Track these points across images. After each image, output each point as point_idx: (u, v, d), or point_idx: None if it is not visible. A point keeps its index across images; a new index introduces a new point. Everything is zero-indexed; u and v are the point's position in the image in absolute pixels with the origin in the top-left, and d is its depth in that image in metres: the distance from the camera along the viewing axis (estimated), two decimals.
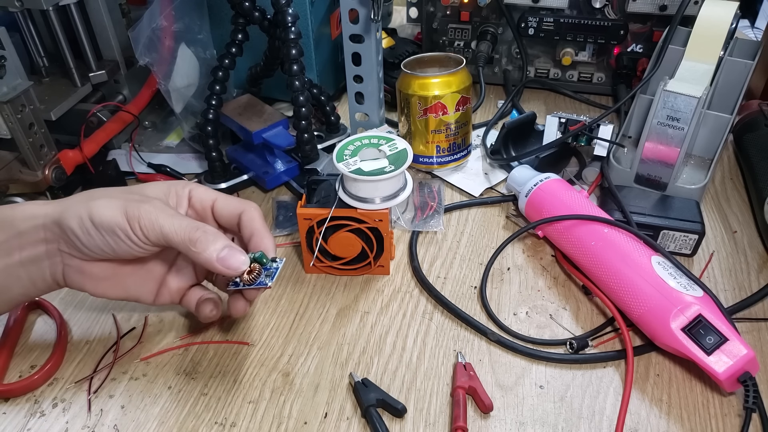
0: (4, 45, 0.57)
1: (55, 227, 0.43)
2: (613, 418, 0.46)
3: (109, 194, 0.44)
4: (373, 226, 0.54)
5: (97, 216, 0.42)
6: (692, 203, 0.60)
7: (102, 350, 0.52)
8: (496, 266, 0.59)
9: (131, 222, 0.42)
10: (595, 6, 0.78)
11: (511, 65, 0.88)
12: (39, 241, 0.44)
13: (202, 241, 0.42)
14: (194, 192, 0.48)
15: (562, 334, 0.53)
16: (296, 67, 0.62)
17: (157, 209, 0.42)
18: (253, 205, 0.48)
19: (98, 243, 0.43)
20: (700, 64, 0.64)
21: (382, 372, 0.50)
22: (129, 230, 0.42)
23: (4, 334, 0.52)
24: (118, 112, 0.72)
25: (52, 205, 0.44)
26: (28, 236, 0.44)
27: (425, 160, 0.70)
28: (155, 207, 0.43)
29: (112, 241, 0.42)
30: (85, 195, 0.44)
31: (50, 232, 0.44)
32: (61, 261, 0.45)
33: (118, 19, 0.73)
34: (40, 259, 0.44)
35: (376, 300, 0.56)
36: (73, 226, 0.42)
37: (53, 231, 0.44)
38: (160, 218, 0.42)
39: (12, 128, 0.59)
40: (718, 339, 0.45)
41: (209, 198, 0.48)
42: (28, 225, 0.44)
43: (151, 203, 0.43)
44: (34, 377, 0.48)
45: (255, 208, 0.47)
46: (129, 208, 0.42)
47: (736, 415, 0.46)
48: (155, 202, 0.43)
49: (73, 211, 0.42)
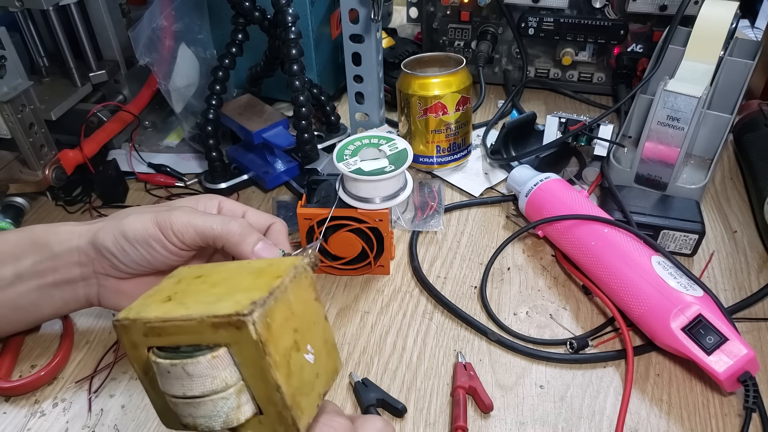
0: (4, 45, 0.57)
1: (89, 249, 0.45)
2: (613, 418, 0.46)
3: (138, 210, 0.45)
4: (373, 226, 0.54)
5: (130, 231, 0.43)
6: (692, 203, 0.60)
7: (102, 350, 0.52)
8: (496, 266, 0.59)
9: (164, 230, 0.43)
10: (595, 6, 0.78)
11: (511, 65, 0.88)
12: (73, 264, 0.45)
13: (240, 232, 0.43)
14: (224, 204, 0.48)
15: (562, 334, 0.53)
16: (296, 67, 0.62)
17: (187, 212, 0.44)
18: (282, 221, 0.49)
19: (134, 257, 0.44)
20: (700, 64, 0.64)
21: (382, 372, 0.50)
22: (163, 239, 0.43)
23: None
24: (118, 112, 0.72)
25: (85, 226, 0.46)
26: (62, 258, 0.45)
27: (425, 160, 0.70)
28: (184, 211, 0.44)
29: (147, 253, 0.44)
30: (116, 215, 0.46)
31: (84, 255, 0.45)
32: (96, 283, 0.46)
33: (118, 19, 0.73)
34: (75, 281, 0.46)
35: (376, 300, 0.56)
36: (108, 244, 0.44)
37: (87, 253, 0.45)
38: (192, 219, 0.43)
39: (12, 128, 0.59)
40: (718, 339, 0.45)
41: (240, 210, 0.48)
42: (62, 247, 0.45)
43: (180, 209, 0.44)
44: (40, 374, 0.48)
45: (283, 224, 0.49)
46: (159, 218, 0.43)
47: (736, 414, 0.46)
48: (184, 207, 0.45)
49: (107, 230, 0.44)
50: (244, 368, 0.29)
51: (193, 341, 0.29)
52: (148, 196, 0.70)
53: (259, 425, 0.30)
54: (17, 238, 0.46)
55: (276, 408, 0.29)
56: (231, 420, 0.29)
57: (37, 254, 0.45)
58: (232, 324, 0.28)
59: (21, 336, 0.52)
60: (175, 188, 0.71)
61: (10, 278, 0.45)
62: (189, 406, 0.29)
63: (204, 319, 0.28)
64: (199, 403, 0.29)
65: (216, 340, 0.29)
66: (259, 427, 0.30)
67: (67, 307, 0.48)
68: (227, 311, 0.28)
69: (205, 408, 0.29)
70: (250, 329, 0.28)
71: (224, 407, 0.29)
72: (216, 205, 0.48)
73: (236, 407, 0.29)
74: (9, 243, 0.46)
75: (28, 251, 0.45)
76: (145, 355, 0.31)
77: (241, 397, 0.30)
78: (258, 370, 0.29)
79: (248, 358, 0.29)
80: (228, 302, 0.29)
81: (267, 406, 0.30)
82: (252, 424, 0.30)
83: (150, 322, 0.30)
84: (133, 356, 0.31)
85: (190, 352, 0.29)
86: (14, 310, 0.46)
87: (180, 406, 0.30)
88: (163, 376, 0.30)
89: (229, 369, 0.29)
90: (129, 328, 0.30)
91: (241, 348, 0.29)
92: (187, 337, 0.29)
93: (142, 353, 0.31)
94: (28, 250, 0.45)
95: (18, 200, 0.65)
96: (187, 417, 0.30)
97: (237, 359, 0.29)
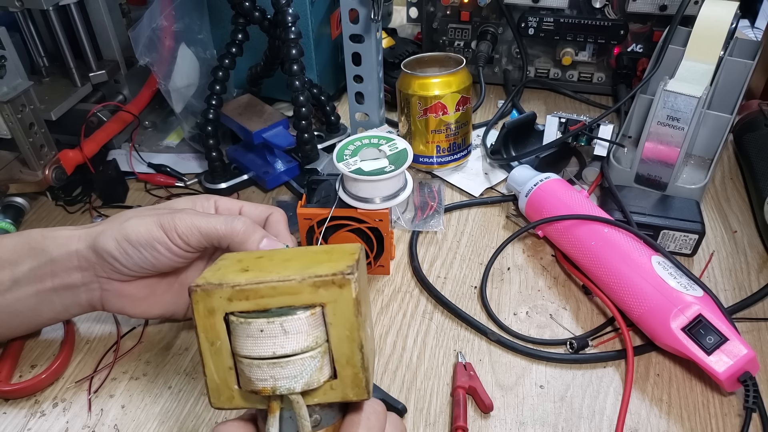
0: (4, 45, 0.57)
1: (89, 254, 0.44)
2: (613, 418, 0.46)
3: (139, 213, 0.45)
4: (373, 226, 0.54)
5: (133, 234, 0.43)
6: (692, 203, 0.60)
7: (102, 350, 0.52)
8: (496, 266, 0.59)
9: (168, 233, 0.43)
10: (595, 6, 0.78)
11: (511, 65, 0.88)
12: (73, 269, 0.45)
13: (244, 230, 0.43)
14: (220, 202, 0.48)
15: (562, 334, 0.53)
16: (296, 67, 0.62)
17: (190, 214, 0.44)
18: (279, 210, 0.49)
19: (137, 261, 0.44)
20: (700, 64, 0.64)
21: (382, 372, 0.50)
22: (168, 241, 0.43)
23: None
24: (118, 112, 0.72)
25: (84, 230, 0.45)
26: (61, 263, 0.44)
27: (425, 160, 0.70)
28: (188, 213, 0.44)
29: (151, 256, 0.43)
30: (116, 218, 0.45)
31: (84, 259, 0.44)
32: (99, 287, 0.46)
33: (118, 19, 0.73)
34: (75, 286, 0.45)
35: (376, 300, 0.56)
36: (110, 248, 0.43)
37: (87, 258, 0.44)
38: (196, 221, 0.43)
39: (12, 128, 0.59)
40: (718, 339, 0.45)
41: (236, 206, 0.48)
42: (61, 252, 0.44)
43: (183, 211, 0.44)
44: (41, 377, 0.48)
45: (281, 213, 0.48)
46: (163, 220, 0.43)
47: (736, 414, 0.46)
48: (186, 209, 0.45)
49: (108, 234, 0.43)
50: (333, 328, 0.31)
51: (284, 303, 0.31)
52: (148, 196, 0.70)
53: (330, 390, 0.32)
54: (14, 243, 0.45)
55: (353, 370, 0.31)
56: (312, 381, 0.31)
57: (34, 259, 0.44)
58: (336, 283, 0.30)
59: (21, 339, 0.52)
60: (175, 188, 0.71)
61: (7, 284, 0.44)
62: (275, 366, 0.30)
63: (305, 279, 0.30)
64: (288, 363, 0.30)
65: (312, 300, 0.31)
66: (329, 392, 0.32)
67: (68, 311, 0.47)
68: (328, 272, 0.30)
69: (292, 368, 0.30)
70: (352, 287, 0.30)
71: (310, 367, 0.31)
72: (212, 205, 0.48)
73: (319, 368, 0.31)
74: (6, 248, 0.45)
75: (26, 256, 0.45)
76: (218, 323, 0.31)
77: (324, 357, 0.31)
78: (346, 329, 0.31)
79: (340, 317, 0.31)
80: (323, 267, 0.31)
81: (344, 368, 0.32)
82: (324, 390, 0.32)
83: (239, 285, 0.31)
84: (205, 325, 0.32)
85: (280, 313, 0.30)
86: (13, 315, 0.46)
87: (263, 368, 0.30)
88: (250, 337, 0.31)
89: (321, 328, 0.31)
90: (211, 293, 0.31)
91: (335, 307, 0.31)
92: (280, 299, 0.31)
93: (216, 321, 0.31)
94: (25, 255, 0.45)
95: (18, 200, 0.65)
96: (267, 380, 0.31)
97: (328, 319, 0.31)
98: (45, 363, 0.51)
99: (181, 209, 0.45)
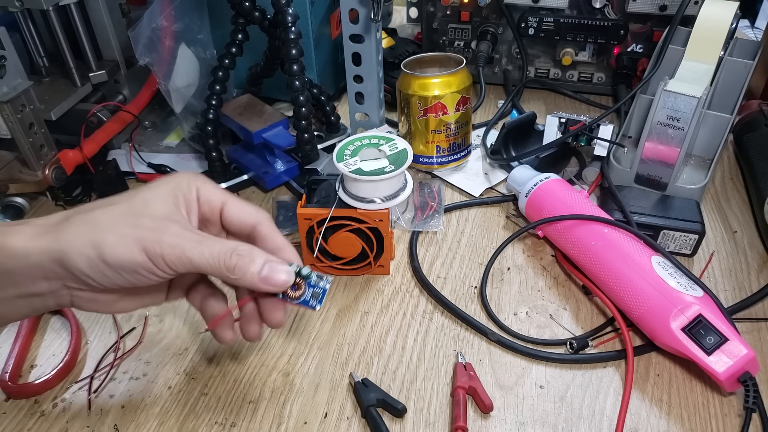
0: (4, 45, 0.57)
1: (56, 267, 0.37)
2: (613, 418, 0.46)
3: (114, 223, 0.38)
4: (373, 226, 0.54)
5: (111, 257, 0.36)
6: (692, 203, 0.60)
7: (102, 350, 0.52)
8: (496, 266, 0.59)
9: (154, 260, 0.37)
10: (595, 6, 0.78)
11: (511, 65, 0.88)
12: (38, 278, 0.38)
13: (240, 265, 0.38)
14: (202, 192, 0.42)
15: (562, 334, 0.53)
16: (296, 67, 0.62)
17: (179, 238, 0.38)
18: (267, 216, 0.43)
19: (115, 281, 0.38)
20: (700, 64, 0.64)
21: (382, 372, 0.50)
22: (153, 268, 0.37)
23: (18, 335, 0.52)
24: (118, 112, 0.72)
25: (44, 240, 0.37)
26: (21, 274, 0.38)
27: (425, 160, 0.70)
28: (176, 236, 0.38)
29: (132, 278, 0.38)
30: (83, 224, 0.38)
31: (51, 272, 0.38)
32: (69, 293, 0.40)
33: (118, 19, 0.73)
34: (41, 294, 0.39)
35: (376, 300, 0.56)
36: (82, 267, 0.37)
37: (55, 271, 0.38)
38: (186, 250, 0.37)
39: (12, 128, 0.59)
40: (719, 339, 0.45)
41: (218, 200, 0.42)
42: (17, 264, 0.37)
43: (169, 232, 0.38)
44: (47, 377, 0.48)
45: (269, 219, 0.43)
46: (147, 244, 0.37)
47: (736, 415, 0.46)
48: (172, 228, 0.38)
49: (77, 248, 0.37)
50: None
51: None
52: None
53: None
54: None
55: None
56: None
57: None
58: None
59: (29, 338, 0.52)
60: None
61: None
62: None
63: None
64: None
65: None
66: None
67: (36, 312, 0.42)
68: None
69: None
70: None
71: None
72: (195, 196, 0.42)
73: None
74: None
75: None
76: None
77: None
78: None
79: None
80: None
81: None
82: None
83: None
84: None
85: None
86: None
87: None
88: None
89: None
90: None
91: None
92: None
93: None
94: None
95: (18, 200, 0.65)
96: None
97: None
98: (45, 363, 0.51)
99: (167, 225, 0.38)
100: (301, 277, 0.41)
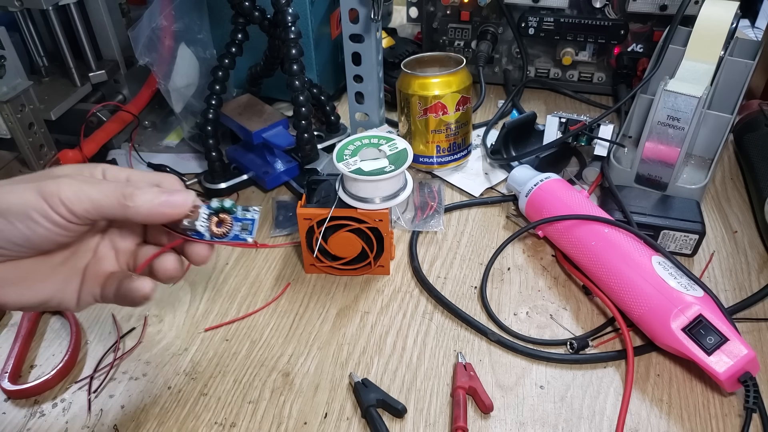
0: (4, 45, 0.57)
1: None
2: (613, 419, 0.46)
3: (11, 180, 0.37)
4: (373, 226, 0.54)
5: (3, 202, 0.34)
6: (692, 203, 0.60)
7: (102, 350, 0.52)
8: (496, 266, 0.59)
9: (49, 199, 0.34)
10: (596, 6, 0.78)
11: (512, 65, 0.88)
12: None
13: (137, 193, 0.36)
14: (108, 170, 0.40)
15: (562, 334, 0.53)
16: (296, 67, 0.61)
17: (78, 180, 0.36)
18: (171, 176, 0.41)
19: (8, 236, 0.35)
20: (700, 63, 0.64)
21: (382, 372, 0.50)
22: (48, 209, 0.35)
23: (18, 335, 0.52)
24: (118, 112, 0.72)
25: None
26: None
27: (425, 160, 0.70)
28: (75, 178, 0.36)
29: (26, 228, 0.35)
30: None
31: None
32: None
33: (118, 19, 0.73)
34: None
35: (376, 300, 0.56)
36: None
37: None
38: (85, 187, 0.36)
39: (12, 128, 0.59)
40: (719, 339, 0.45)
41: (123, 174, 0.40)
42: None
43: (69, 176, 0.37)
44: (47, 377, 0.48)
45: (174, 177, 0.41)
46: (43, 186, 0.35)
47: (736, 415, 0.46)
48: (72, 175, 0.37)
49: None
50: None
51: None
52: None
53: None
54: None
55: None
56: None
57: None
58: None
59: (28, 338, 0.53)
60: None
61: None
62: None
63: None
64: None
65: None
66: None
67: None
68: None
69: None
70: None
71: None
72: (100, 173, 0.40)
73: None
74: None
75: None
76: None
77: None
78: None
79: None
80: None
81: None
82: None
83: None
84: None
85: None
86: None
87: None
88: None
89: None
90: None
91: None
92: None
93: None
94: None
95: None
96: None
97: None
98: (44, 363, 0.51)
99: (65, 174, 0.37)
100: (225, 211, 0.39)
